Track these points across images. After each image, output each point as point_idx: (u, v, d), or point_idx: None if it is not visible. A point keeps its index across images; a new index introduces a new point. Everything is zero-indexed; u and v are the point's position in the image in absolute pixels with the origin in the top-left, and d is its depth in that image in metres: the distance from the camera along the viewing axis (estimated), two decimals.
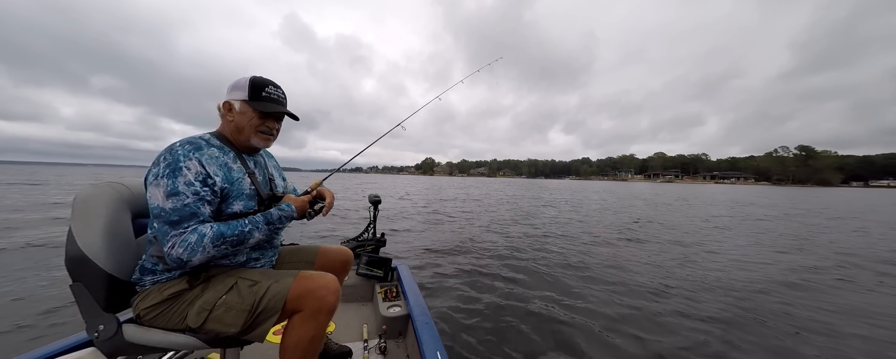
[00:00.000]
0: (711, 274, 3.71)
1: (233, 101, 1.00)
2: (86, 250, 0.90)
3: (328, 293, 0.94)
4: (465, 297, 2.78)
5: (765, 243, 5.70)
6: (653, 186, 67.13)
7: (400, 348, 1.56)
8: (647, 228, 7.16)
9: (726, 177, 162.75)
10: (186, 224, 0.86)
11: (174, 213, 0.85)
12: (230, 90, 1.01)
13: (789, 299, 2.98)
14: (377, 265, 2.04)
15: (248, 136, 1.02)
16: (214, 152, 0.96)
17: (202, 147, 0.94)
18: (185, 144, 0.93)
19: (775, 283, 3.44)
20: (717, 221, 8.67)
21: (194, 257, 0.85)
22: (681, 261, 4.30)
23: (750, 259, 4.51)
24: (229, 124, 1.03)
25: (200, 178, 0.90)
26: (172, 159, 0.88)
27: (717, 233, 6.80)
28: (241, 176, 1.00)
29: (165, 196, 0.86)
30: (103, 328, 0.90)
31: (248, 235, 0.93)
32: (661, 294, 3.03)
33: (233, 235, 0.90)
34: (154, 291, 0.93)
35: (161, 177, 0.87)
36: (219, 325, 0.90)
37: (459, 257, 4.28)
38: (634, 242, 5.53)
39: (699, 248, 5.21)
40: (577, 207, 11.93)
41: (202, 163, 0.91)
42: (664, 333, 2.31)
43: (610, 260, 4.23)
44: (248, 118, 1.01)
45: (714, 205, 14.79)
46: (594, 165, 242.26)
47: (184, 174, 0.88)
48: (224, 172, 0.96)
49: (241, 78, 1.02)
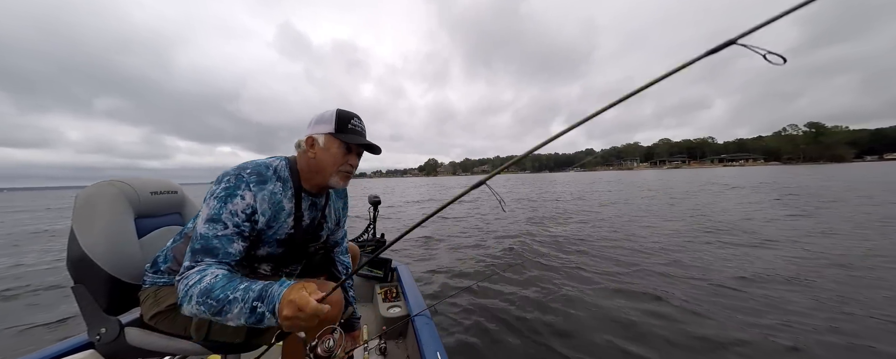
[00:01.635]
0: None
1: (316, 135, 0.94)
2: (88, 251, 0.89)
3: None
4: (466, 297, 2.79)
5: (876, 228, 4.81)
6: (660, 172, 66.37)
7: (400, 349, 1.57)
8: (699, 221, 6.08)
9: (735, 159, 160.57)
10: (201, 257, 0.81)
11: (201, 239, 0.82)
12: (313, 124, 0.95)
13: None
14: (377, 266, 2.05)
15: (328, 175, 0.95)
16: (276, 188, 0.92)
17: (267, 181, 0.90)
18: (255, 173, 0.89)
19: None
20: (783, 207, 7.63)
21: (184, 304, 0.77)
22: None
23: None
24: (308, 161, 0.96)
25: (248, 210, 0.86)
26: (232, 185, 0.86)
27: (810, 225, 5.40)
28: (286, 217, 0.94)
29: (206, 219, 0.84)
30: (105, 331, 0.89)
31: (229, 306, 0.72)
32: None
33: (216, 299, 0.73)
34: (162, 292, 0.92)
35: (213, 197, 0.85)
36: (222, 337, 0.90)
37: (461, 258, 4.28)
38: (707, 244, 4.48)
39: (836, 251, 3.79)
40: (618, 203, 10.77)
41: (256, 197, 0.87)
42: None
43: (702, 271, 3.35)
44: (332, 154, 0.93)
45: (745, 189, 13.63)
46: (599, 156, 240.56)
47: (234, 203, 0.84)
48: (273, 209, 0.91)
49: (326, 111, 0.96)
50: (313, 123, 0.96)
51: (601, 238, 5.29)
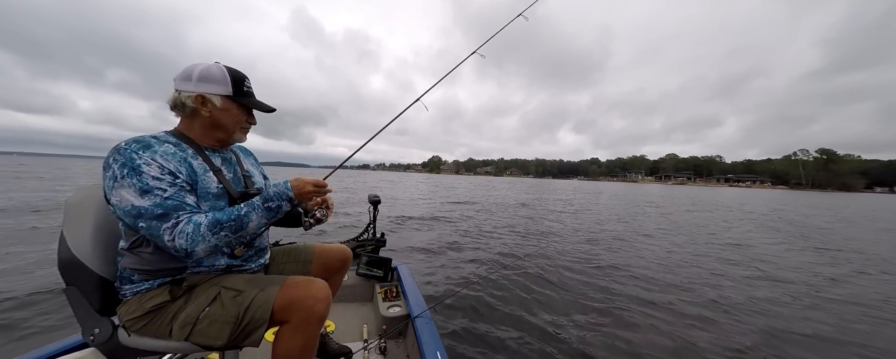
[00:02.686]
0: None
1: (209, 95, 0.92)
2: (77, 254, 0.90)
3: (316, 303, 0.90)
4: (466, 297, 2.80)
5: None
6: (664, 188, 66.02)
7: (400, 348, 1.58)
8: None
9: (741, 180, 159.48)
10: (175, 214, 0.81)
11: (157, 207, 0.80)
12: (197, 81, 0.90)
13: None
14: (377, 265, 2.06)
15: (230, 132, 0.99)
16: (169, 149, 0.88)
17: (151, 144, 0.86)
18: (131, 143, 0.84)
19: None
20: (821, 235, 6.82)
21: (197, 247, 0.80)
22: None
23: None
24: (202, 120, 0.95)
25: (166, 172, 0.84)
26: (125, 159, 0.81)
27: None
28: (204, 173, 0.92)
29: (139, 195, 0.79)
30: (98, 332, 0.91)
31: (245, 219, 0.86)
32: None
33: (229, 220, 0.84)
34: (134, 302, 0.90)
35: (122, 178, 0.80)
36: (203, 338, 0.88)
37: (461, 258, 4.30)
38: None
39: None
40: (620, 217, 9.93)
41: (158, 160, 0.84)
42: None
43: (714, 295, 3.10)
44: (232, 115, 0.96)
45: (758, 213, 12.53)
46: (603, 166, 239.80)
47: (145, 170, 0.81)
48: (185, 168, 0.88)
49: (210, 67, 0.92)
50: (197, 80, 0.91)
51: (604, 243, 5.29)
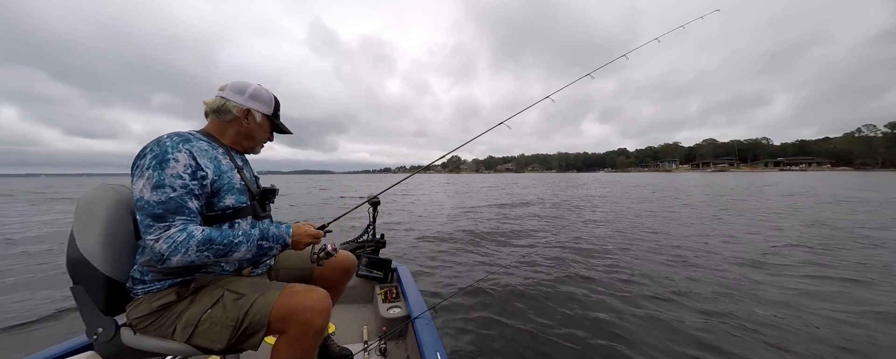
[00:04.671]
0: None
1: (255, 111, 1.08)
2: (85, 253, 0.92)
3: (314, 315, 0.91)
4: (466, 299, 2.79)
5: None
6: (703, 176, 61.60)
7: (400, 350, 1.60)
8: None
9: (794, 163, 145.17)
10: (171, 218, 0.85)
11: (159, 206, 0.85)
12: (249, 97, 1.06)
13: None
14: (377, 267, 2.09)
15: (255, 145, 1.15)
16: (203, 145, 0.98)
17: (191, 139, 0.95)
18: (173, 136, 0.93)
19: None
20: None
21: (175, 257, 0.84)
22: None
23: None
24: (239, 128, 1.08)
25: (189, 170, 0.89)
26: (160, 151, 0.88)
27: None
28: (230, 170, 1.01)
29: (151, 188, 0.85)
30: (102, 331, 0.93)
31: (235, 248, 0.92)
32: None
33: (220, 244, 0.89)
34: (144, 301, 0.94)
35: (147, 169, 0.86)
36: (204, 341, 0.90)
37: (461, 259, 4.29)
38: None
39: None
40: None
41: (193, 155, 0.91)
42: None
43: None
44: (264, 131, 1.14)
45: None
46: (632, 156, 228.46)
47: (172, 166, 0.87)
48: (214, 164, 0.97)
49: (259, 88, 1.09)
50: (248, 96, 1.07)
51: (603, 240, 5.08)
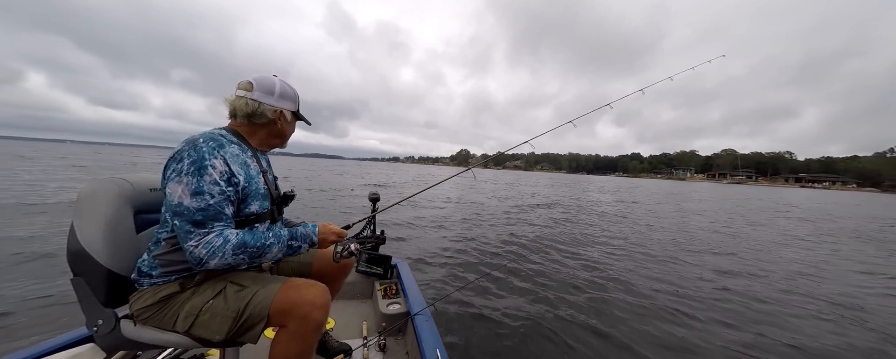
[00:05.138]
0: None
1: (285, 111, 1.08)
2: (86, 245, 0.92)
3: (314, 309, 0.92)
4: (466, 295, 2.81)
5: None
6: (718, 187, 59.91)
7: (399, 345, 1.60)
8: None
9: (817, 180, 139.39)
10: (210, 225, 0.87)
11: (199, 212, 0.86)
12: (278, 98, 1.04)
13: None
14: (377, 263, 2.09)
15: (286, 140, 1.14)
16: (235, 150, 0.97)
17: (224, 145, 0.95)
18: (209, 141, 0.92)
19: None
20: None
21: (213, 260, 0.86)
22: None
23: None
24: (272, 129, 1.07)
25: (225, 177, 0.91)
26: (197, 157, 0.88)
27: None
28: (257, 175, 1.02)
29: (190, 194, 0.86)
30: (102, 323, 0.93)
31: (268, 249, 0.94)
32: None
33: (254, 247, 0.91)
34: (148, 292, 0.95)
35: (184, 174, 0.86)
36: (204, 331, 0.91)
37: (461, 255, 4.29)
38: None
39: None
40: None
41: (227, 161, 0.92)
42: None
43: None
44: (292, 128, 1.14)
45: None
46: (646, 162, 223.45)
47: (209, 173, 0.88)
48: (245, 170, 0.97)
49: (284, 85, 1.07)
50: (278, 96, 1.06)
51: (604, 240, 5.00)
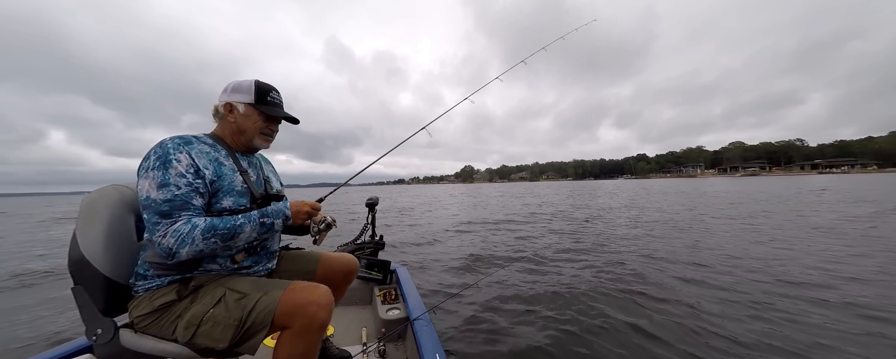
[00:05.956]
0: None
1: (235, 103, 1.07)
2: (86, 253, 0.92)
3: (318, 309, 0.93)
4: (466, 300, 2.77)
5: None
6: (733, 181, 58.41)
7: (399, 351, 1.59)
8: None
9: (834, 165, 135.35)
10: (177, 214, 0.89)
11: (165, 203, 0.88)
12: (230, 92, 1.07)
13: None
14: (376, 268, 2.09)
15: (250, 137, 1.11)
16: (205, 148, 1.01)
17: (192, 142, 0.99)
18: (175, 139, 0.97)
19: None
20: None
21: (183, 249, 0.87)
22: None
23: None
24: (230, 125, 1.09)
25: (191, 169, 0.93)
26: (162, 153, 0.92)
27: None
28: (231, 173, 1.03)
29: (156, 187, 0.89)
30: (101, 333, 0.92)
31: (239, 229, 0.94)
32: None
33: (224, 228, 0.91)
34: (145, 299, 0.95)
35: (151, 169, 0.90)
36: (207, 340, 0.90)
37: (461, 260, 4.25)
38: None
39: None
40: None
41: (192, 156, 0.95)
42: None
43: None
44: (252, 121, 1.09)
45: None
46: (653, 162, 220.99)
47: (174, 166, 0.91)
48: (214, 166, 0.99)
49: (243, 80, 1.09)
50: (229, 91, 1.08)
51: (610, 243, 4.87)
